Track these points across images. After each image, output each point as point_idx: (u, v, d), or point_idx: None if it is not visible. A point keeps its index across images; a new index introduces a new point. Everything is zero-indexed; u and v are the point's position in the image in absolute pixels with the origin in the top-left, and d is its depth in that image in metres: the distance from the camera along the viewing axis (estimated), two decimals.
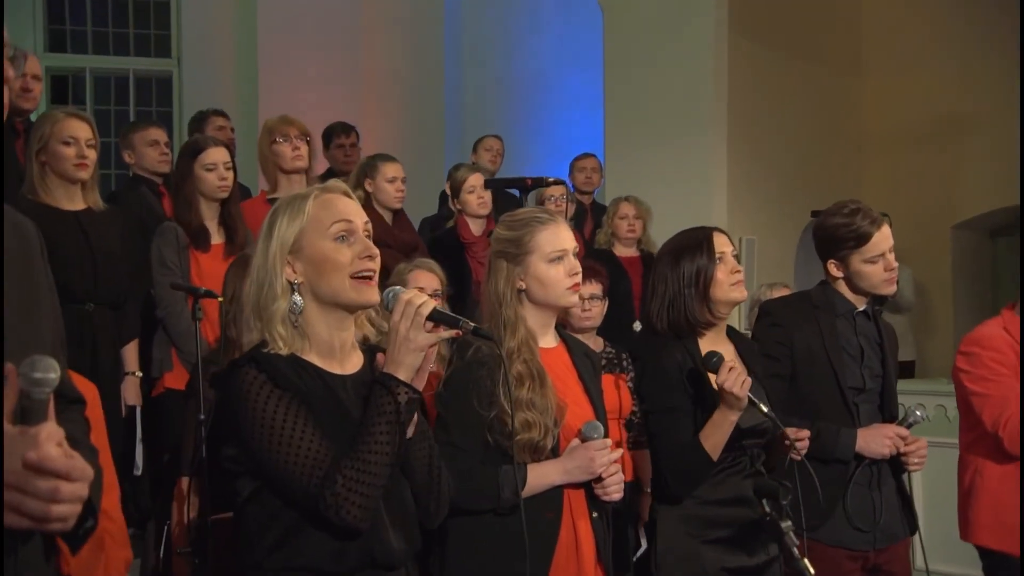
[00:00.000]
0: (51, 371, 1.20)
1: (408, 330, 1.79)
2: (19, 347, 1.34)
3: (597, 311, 3.82)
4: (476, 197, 4.57)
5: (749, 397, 2.46)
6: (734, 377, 2.44)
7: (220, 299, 2.86)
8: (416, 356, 1.80)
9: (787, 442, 2.58)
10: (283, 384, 1.77)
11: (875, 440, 2.85)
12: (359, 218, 1.89)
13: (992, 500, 3.02)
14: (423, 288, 3.36)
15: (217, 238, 3.86)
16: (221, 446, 1.83)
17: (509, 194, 3.49)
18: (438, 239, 4.67)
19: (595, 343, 3.91)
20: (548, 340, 2.45)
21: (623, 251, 5.19)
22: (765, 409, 2.47)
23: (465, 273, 4.48)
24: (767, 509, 2.22)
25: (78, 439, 1.43)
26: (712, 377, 2.55)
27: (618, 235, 5.18)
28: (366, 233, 1.89)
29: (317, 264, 1.84)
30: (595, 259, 5.00)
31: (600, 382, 2.51)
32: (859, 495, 2.87)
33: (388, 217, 4.47)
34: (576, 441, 2.32)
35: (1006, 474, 3.00)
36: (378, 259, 1.87)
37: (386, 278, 4.13)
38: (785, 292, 4.58)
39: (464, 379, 2.27)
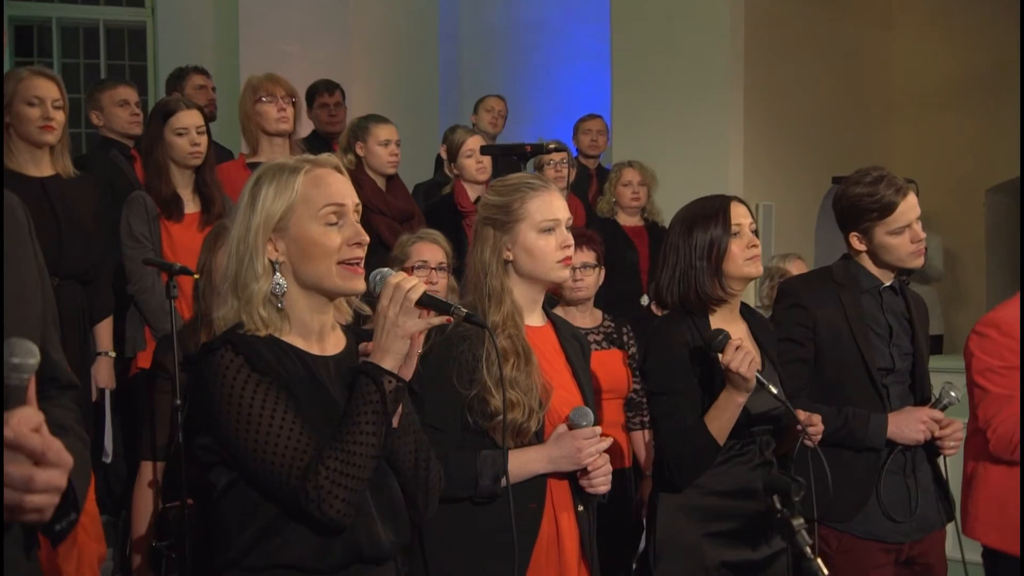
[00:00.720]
0: (30, 356, 1.20)
1: (397, 316, 1.79)
2: (5, 331, 1.34)
3: (591, 280, 3.81)
4: (475, 162, 4.56)
5: (757, 378, 2.46)
6: (740, 356, 2.44)
7: (196, 276, 2.85)
8: (404, 343, 1.81)
9: (798, 427, 2.58)
10: (261, 368, 1.77)
11: (908, 425, 2.85)
12: (351, 199, 1.88)
13: (994, 495, 3.00)
14: (427, 261, 3.38)
15: (191, 207, 3.84)
16: (194, 434, 1.83)
17: (510, 160, 3.46)
18: (433, 207, 4.67)
19: (592, 316, 3.91)
20: (535, 318, 2.44)
21: (627, 220, 5.19)
22: (775, 391, 2.47)
23: (462, 244, 4.44)
24: (778, 506, 2.22)
25: (67, 427, 1.43)
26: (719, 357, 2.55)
27: (621, 203, 5.17)
28: (356, 215, 1.89)
29: (303, 247, 1.84)
30: (598, 229, 5.00)
31: (589, 367, 2.51)
32: (893, 484, 2.88)
33: (381, 183, 4.47)
34: (563, 427, 2.32)
35: (1011, 469, 2.97)
36: (367, 244, 1.87)
37: (379, 246, 4.14)
38: (800, 264, 4.58)
39: (444, 355, 2.27)
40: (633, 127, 6.33)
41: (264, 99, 4.29)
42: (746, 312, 2.79)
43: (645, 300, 4.84)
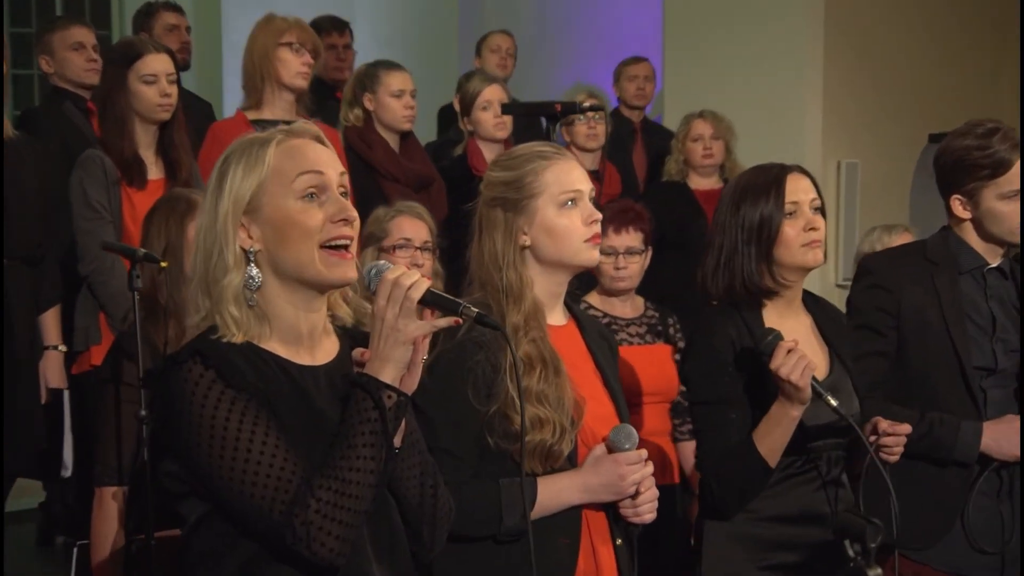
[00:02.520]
0: None
1: (396, 318, 1.78)
2: None
3: (635, 268, 3.78)
4: (493, 116, 4.53)
5: (813, 387, 2.45)
6: (792, 362, 2.42)
7: (164, 264, 2.85)
8: (405, 350, 1.80)
9: (871, 439, 2.56)
10: (237, 382, 1.77)
11: (1007, 437, 2.81)
12: (333, 169, 1.87)
13: None
14: (410, 239, 3.37)
15: (155, 172, 3.83)
16: (159, 461, 1.84)
17: (534, 122, 3.44)
18: (442, 171, 4.65)
19: (633, 305, 3.89)
20: (556, 315, 2.44)
21: (700, 182, 5.14)
22: (834, 403, 2.46)
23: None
24: (851, 554, 2.22)
25: None
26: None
27: (692, 162, 5.13)
28: (342, 189, 1.88)
29: (278, 229, 1.83)
30: (663, 195, 4.96)
31: (618, 372, 2.51)
32: (983, 507, 2.85)
33: (394, 142, 4.45)
34: (600, 449, 2.32)
35: None
36: (357, 223, 1.86)
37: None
38: (908, 238, 4.50)
39: (456, 365, 2.27)
40: (688, 72, 6.26)
41: (292, 45, 4.22)
42: (811, 303, 2.76)
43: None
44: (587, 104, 3.40)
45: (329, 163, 1.88)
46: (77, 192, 3.73)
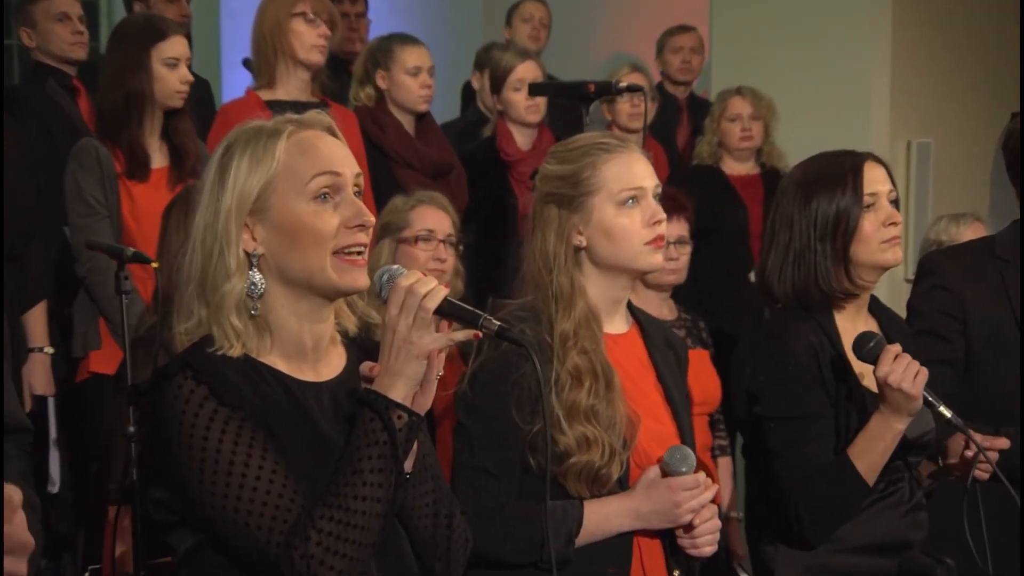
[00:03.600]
0: None
1: (409, 330, 1.78)
2: None
3: (685, 260, 3.82)
4: (525, 97, 4.53)
5: (926, 397, 2.44)
6: (902, 368, 2.42)
7: (155, 265, 2.86)
8: (418, 365, 1.80)
9: (972, 453, 2.54)
10: (232, 399, 1.78)
11: None
12: (349, 168, 1.88)
13: None
14: (432, 231, 3.39)
15: (159, 160, 3.85)
16: (148, 486, 1.85)
17: (570, 102, 3.42)
18: (468, 155, 4.66)
19: (668, 307, 3.92)
20: (617, 322, 2.46)
21: (736, 167, 5.14)
22: (948, 413, 2.45)
23: (506, 204, 4.48)
24: None
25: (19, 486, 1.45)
26: (859, 367, 2.52)
27: (727, 144, 5.11)
28: (356, 189, 1.88)
29: (287, 233, 1.84)
30: (693, 179, 4.94)
31: (686, 385, 2.52)
32: None
33: (409, 124, 4.46)
34: (653, 472, 2.33)
35: None
36: (371, 228, 1.86)
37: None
38: (978, 228, 4.46)
39: (499, 377, 2.29)
40: (740, 43, 6.21)
41: (307, 16, 4.20)
42: (876, 307, 2.76)
43: (754, 277, 4.79)
44: (624, 84, 3.37)
45: (345, 161, 1.88)
46: (71, 186, 3.77)
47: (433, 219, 3.39)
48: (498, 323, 1.82)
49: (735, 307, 4.54)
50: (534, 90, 4.10)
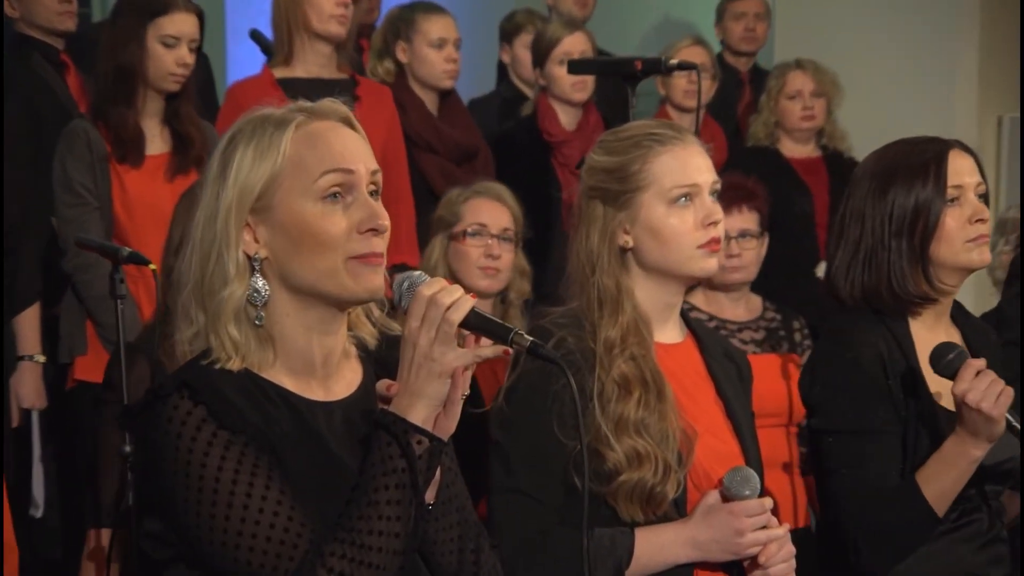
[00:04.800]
0: None
1: (431, 344, 1.78)
2: None
3: (750, 256, 3.79)
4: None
5: (1008, 420, 2.42)
6: (983, 386, 2.40)
7: (153, 267, 2.87)
8: (441, 384, 1.79)
9: None
10: (232, 421, 1.78)
11: None
12: (364, 164, 1.87)
13: None
14: (485, 225, 3.44)
15: (157, 145, 3.87)
16: (141, 516, 1.85)
17: (615, 81, 3.41)
18: (505, 137, 4.67)
19: (748, 305, 3.89)
20: (669, 331, 2.46)
21: (796, 150, 5.13)
22: None
23: (548, 191, 4.47)
24: None
25: None
26: (936, 381, 2.51)
27: (786, 124, 5.11)
28: (372, 188, 1.87)
29: (292, 236, 1.84)
30: (749, 161, 4.91)
31: (750, 401, 2.53)
32: None
33: (432, 103, 4.47)
34: (713, 496, 2.32)
35: None
36: (388, 233, 1.85)
37: (429, 198, 4.11)
38: None
39: (538, 389, 2.30)
40: (807, 8, 6.19)
41: None
42: (959, 315, 2.74)
43: (822, 270, 4.76)
44: (675, 62, 3.34)
45: (359, 156, 1.87)
46: (58, 173, 3.78)
47: (487, 212, 3.45)
48: (530, 339, 1.81)
49: (800, 305, 4.50)
50: (574, 67, 4.08)
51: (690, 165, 2.39)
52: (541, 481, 2.30)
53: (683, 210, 2.38)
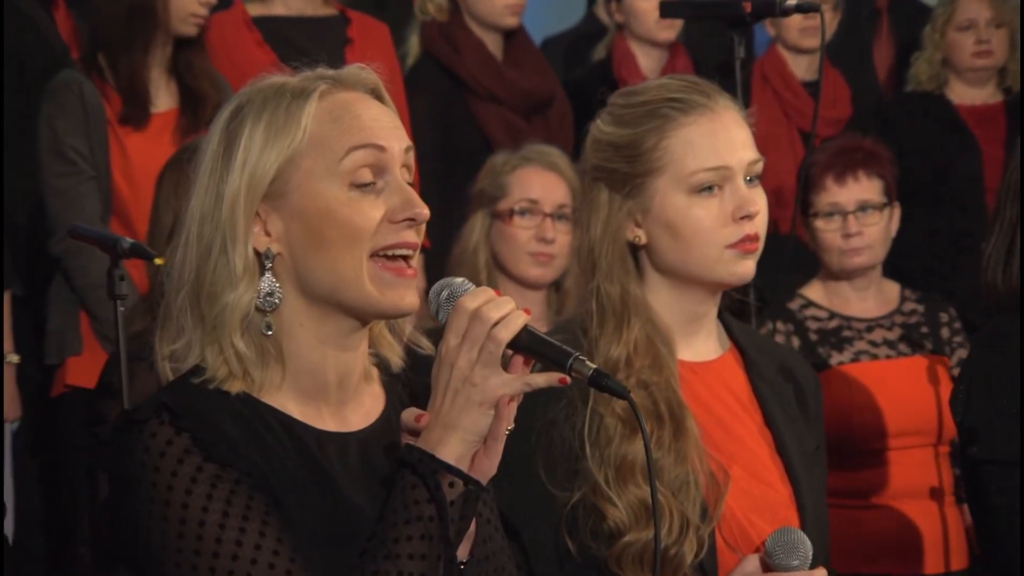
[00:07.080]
0: None
1: (472, 367, 1.79)
2: None
3: (874, 233, 3.78)
4: (655, 8, 4.45)
5: None
6: None
7: (159, 262, 2.89)
8: (480, 415, 1.80)
9: None
10: (221, 453, 1.80)
11: None
12: (397, 141, 1.91)
13: None
14: (537, 202, 3.44)
15: (164, 102, 3.93)
16: (111, 566, 1.87)
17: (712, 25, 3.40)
18: (572, 85, 4.69)
19: (881, 296, 3.89)
20: (700, 346, 2.43)
21: (968, 95, 5.11)
22: None
23: None
24: None
25: None
26: None
27: (956, 63, 5.08)
28: (407, 172, 1.89)
29: (313, 225, 1.86)
30: (905, 113, 4.92)
31: (813, 428, 2.46)
32: None
33: (495, 44, 4.52)
34: (752, 564, 2.27)
35: None
36: (424, 222, 1.86)
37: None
38: None
39: (522, 427, 2.21)
40: None
41: None
42: None
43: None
44: (793, 2, 3.29)
45: (392, 132, 1.90)
46: (46, 135, 3.85)
47: (539, 184, 3.44)
48: (593, 366, 1.80)
49: (963, 291, 4.46)
50: (667, 10, 4.05)
51: (720, 141, 2.34)
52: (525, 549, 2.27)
53: (707, 200, 2.34)
